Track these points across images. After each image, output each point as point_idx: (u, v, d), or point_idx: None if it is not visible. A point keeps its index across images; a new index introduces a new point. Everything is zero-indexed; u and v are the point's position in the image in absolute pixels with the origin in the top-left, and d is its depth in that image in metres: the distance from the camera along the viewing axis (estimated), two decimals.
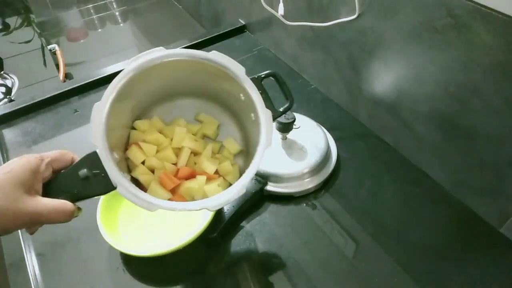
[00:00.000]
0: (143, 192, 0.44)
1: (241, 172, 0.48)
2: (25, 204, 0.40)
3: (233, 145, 0.54)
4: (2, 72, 1.12)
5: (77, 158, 0.46)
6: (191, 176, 0.51)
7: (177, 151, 0.52)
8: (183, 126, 0.53)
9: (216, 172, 0.52)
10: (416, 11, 0.60)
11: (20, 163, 0.41)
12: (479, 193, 0.64)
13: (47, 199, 0.42)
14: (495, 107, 0.55)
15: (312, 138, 0.73)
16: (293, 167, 0.69)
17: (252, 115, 0.49)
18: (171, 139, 0.52)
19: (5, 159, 0.77)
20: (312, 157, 0.70)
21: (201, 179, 0.50)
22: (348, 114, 0.85)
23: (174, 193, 0.49)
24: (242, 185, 0.45)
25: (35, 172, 0.42)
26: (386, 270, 0.60)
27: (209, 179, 0.50)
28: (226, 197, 0.45)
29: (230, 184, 0.49)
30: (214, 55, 0.49)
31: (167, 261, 0.61)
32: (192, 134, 0.53)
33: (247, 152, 0.54)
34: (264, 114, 0.47)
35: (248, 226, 0.65)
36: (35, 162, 0.42)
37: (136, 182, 0.49)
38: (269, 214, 0.67)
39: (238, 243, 0.63)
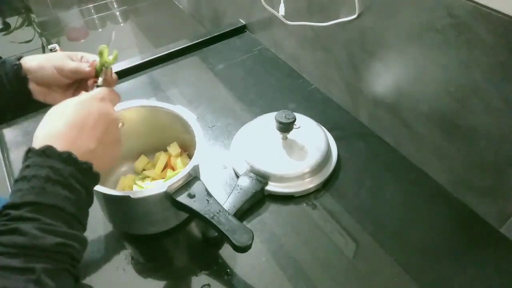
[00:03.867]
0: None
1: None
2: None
3: (175, 147, 0.70)
4: None
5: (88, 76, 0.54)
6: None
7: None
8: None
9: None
10: (416, 11, 0.60)
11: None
12: (479, 193, 0.64)
13: None
14: (495, 107, 0.55)
15: (313, 138, 0.73)
16: (293, 167, 0.69)
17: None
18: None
19: (5, 159, 0.77)
20: (313, 157, 0.70)
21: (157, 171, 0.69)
22: (348, 114, 0.85)
23: None
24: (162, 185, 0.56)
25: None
26: (386, 270, 0.60)
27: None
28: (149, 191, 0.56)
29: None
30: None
31: (165, 259, 0.61)
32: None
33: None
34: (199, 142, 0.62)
35: (248, 226, 0.65)
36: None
37: None
38: (269, 214, 0.67)
39: None
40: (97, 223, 0.65)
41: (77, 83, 0.55)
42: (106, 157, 0.44)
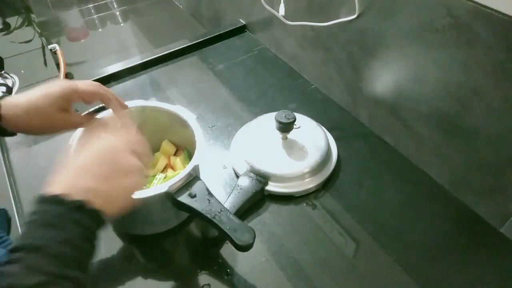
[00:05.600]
0: None
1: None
2: (56, 117, 0.51)
3: (169, 145, 0.71)
4: (2, 72, 1.12)
5: (107, 99, 0.55)
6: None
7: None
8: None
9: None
10: (416, 11, 0.60)
11: (57, 90, 0.51)
12: (479, 193, 0.64)
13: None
14: (495, 107, 0.55)
15: (313, 138, 0.73)
16: (293, 167, 0.69)
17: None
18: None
19: (5, 159, 0.77)
20: (312, 157, 0.70)
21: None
22: (348, 114, 0.85)
23: None
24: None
25: (68, 99, 0.52)
26: (386, 270, 0.60)
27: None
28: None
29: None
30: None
31: (165, 259, 0.61)
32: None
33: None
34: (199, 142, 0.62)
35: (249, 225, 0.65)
36: (68, 93, 0.51)
37: None
38: (269, 214, 0.67)
39: None
40: None
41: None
42: (115, 191, 0.42)
